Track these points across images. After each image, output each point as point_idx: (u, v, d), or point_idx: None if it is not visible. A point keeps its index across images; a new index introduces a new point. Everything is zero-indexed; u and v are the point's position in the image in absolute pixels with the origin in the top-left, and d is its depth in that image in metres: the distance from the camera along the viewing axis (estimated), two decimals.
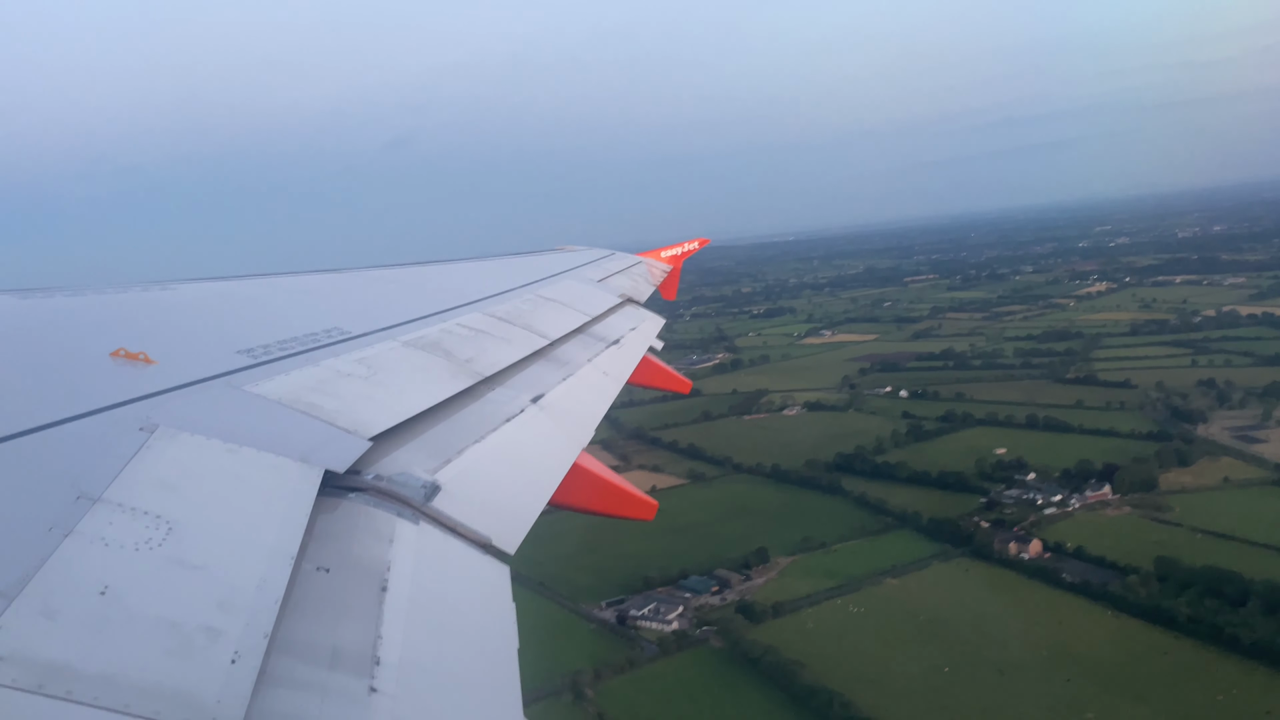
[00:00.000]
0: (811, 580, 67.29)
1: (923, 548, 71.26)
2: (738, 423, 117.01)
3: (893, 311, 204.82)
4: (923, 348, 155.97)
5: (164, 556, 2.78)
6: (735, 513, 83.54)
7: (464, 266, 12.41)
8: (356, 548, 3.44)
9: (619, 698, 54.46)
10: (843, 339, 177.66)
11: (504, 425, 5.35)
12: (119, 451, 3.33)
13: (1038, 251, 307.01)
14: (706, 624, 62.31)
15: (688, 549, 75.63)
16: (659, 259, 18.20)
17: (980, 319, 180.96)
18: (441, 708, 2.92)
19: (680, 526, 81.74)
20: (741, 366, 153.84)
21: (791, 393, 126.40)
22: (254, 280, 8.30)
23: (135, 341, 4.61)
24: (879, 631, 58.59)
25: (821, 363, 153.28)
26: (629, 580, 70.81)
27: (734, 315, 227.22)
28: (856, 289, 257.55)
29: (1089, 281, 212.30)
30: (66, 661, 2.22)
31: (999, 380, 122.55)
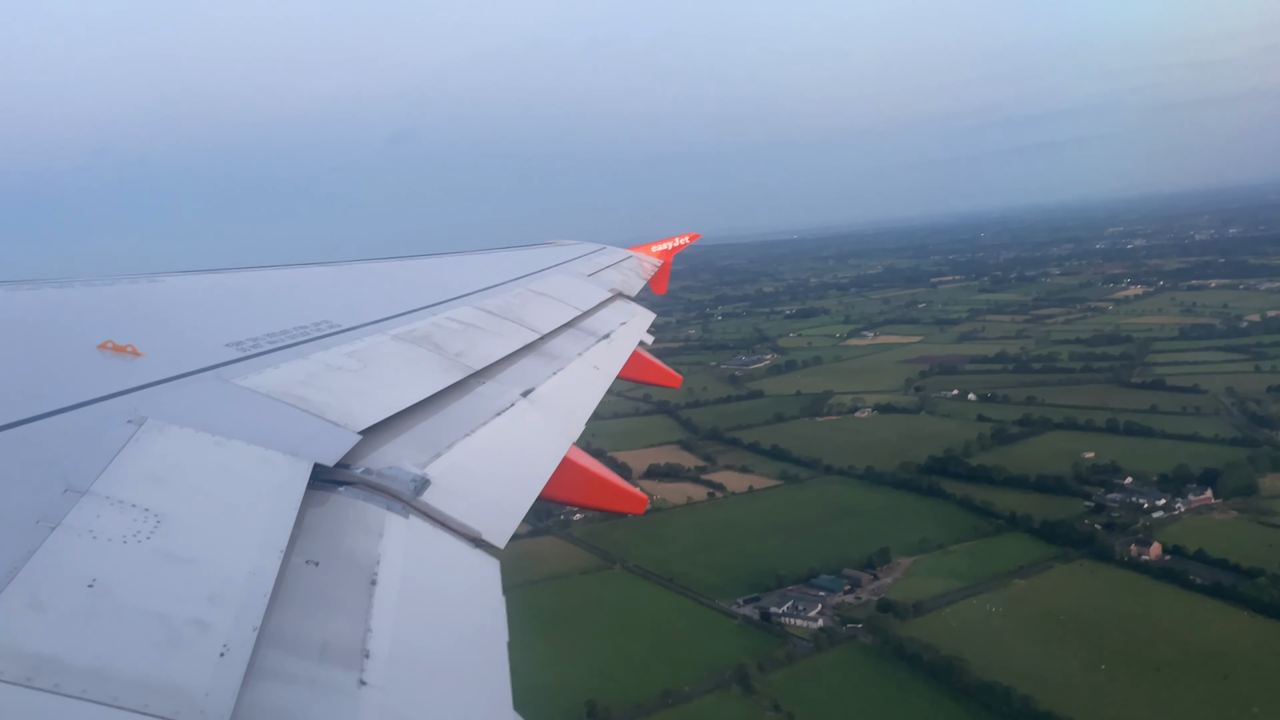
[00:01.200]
0: (940, 580, 70.14)
1: (1039, 550, 74.18)
2: (811, 424, 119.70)
3: (928, 313, 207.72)
4: (972, 350, 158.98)
5: (152, 549, 2.79)
6: (840, 514, 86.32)
7: (454, 260, 12.58)
8: (346, 541, 3.47)
9: (785, 691, 57.18)
10: (886, 340, 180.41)
11: (494, 419, 5.42)
12: (107, 444, 3.34)
13: (1056, 253, 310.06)
14: (851, 621, 65.06)
15: (803, 549, 78.42)
16: (650, 254, 18.24)
17: (1021, 322, 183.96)
18: (431, 701, 2.94)
19: (788, 526, 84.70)
20: (796, 368, 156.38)
21: (859, 395, 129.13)
22: (243, 273, 8.29)
23: (123, 334, 4.61)
24: (1024, 630, 61.49)
25: (875, 364, 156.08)
26: (756, 578, 73.50)
27: (765, 315, 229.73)
28: (883, 289, 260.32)
29: (1122, 285, 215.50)
30: (55, 654, 2.22)
31: (1063, 384, 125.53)
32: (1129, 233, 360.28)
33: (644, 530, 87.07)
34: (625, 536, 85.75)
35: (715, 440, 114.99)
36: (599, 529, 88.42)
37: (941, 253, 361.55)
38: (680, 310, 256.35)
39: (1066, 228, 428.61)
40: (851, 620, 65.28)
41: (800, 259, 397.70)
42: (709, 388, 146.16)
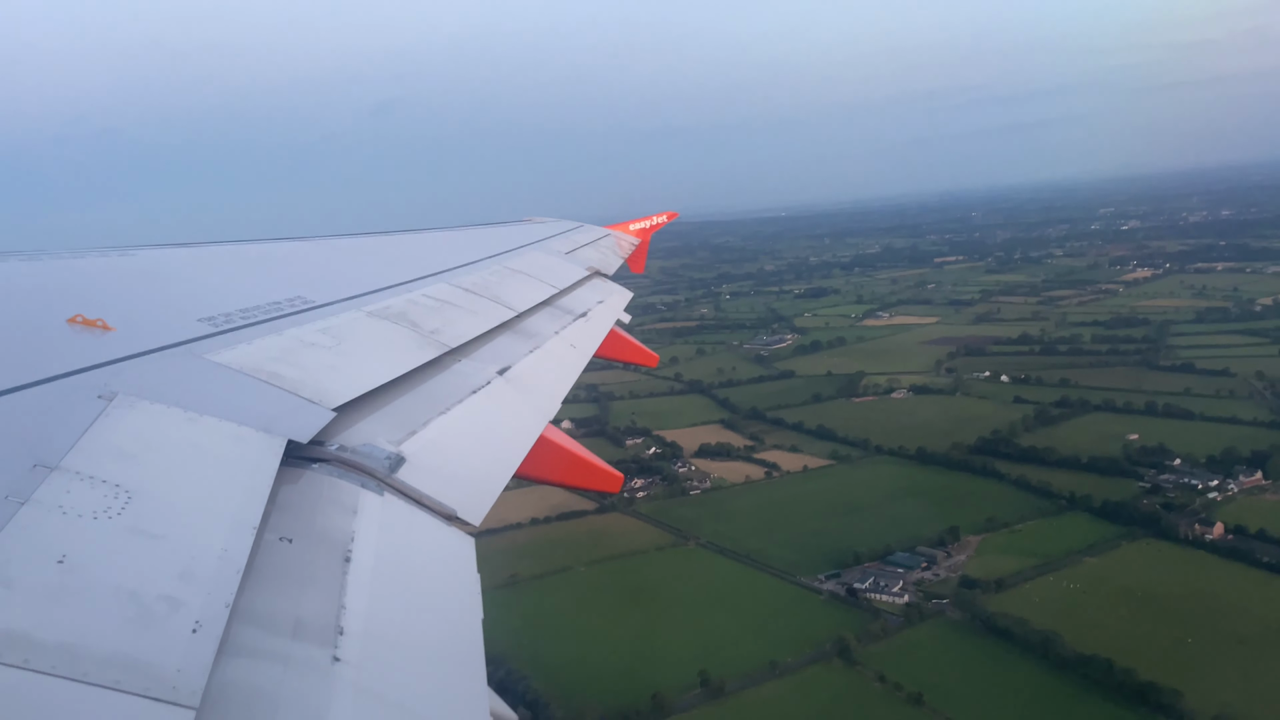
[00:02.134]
0: (1012, 558, 73.18)
1: (1102, 529, 77.39)
2: (849, 405, 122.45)
3: (939, 294, 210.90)
4: (992, 332, 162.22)
5: (123, 526, 2.78)
6: (900, 494, 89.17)
7: (430, 236, 12.56)
8: (320, 518, 3.46)
9: (885, 662, 60.02)
10: (903, 321, 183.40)
11: (470, 397, 5.45)
12: (77, 419, 3.32)
13: (1053, 234, 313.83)
14: (935, 597, 68.00)
15: (871, 527, 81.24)
16: (627, 232, 18.26)
17: (1035, 303, 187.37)
18: (406, 677, 2.95)
19: (852, 505, 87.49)
20: (821, 348, 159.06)
21: (892, 375, 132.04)
22: (216, 247, 8.21)
23: (93, 308, 4.58)
24: (1106, 606, 64.65)
25: (897, 345, 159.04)
26: (832, 555, 76.24)
27: (775, 294, 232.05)
28: (887, 269, 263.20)
29: (1129, 268, 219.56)
30: (24, 630, 2.21)
31: (1092, 367, 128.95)
32: (1121, 214, 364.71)
33: (708, 508, 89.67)
34: (691, 513, 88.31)
35: (757, 420, 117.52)
36: (664, 505, 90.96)
37: (937, 232, 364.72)
38: (685, 289, 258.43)
39: (1057, 208, 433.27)
40: (936, 596, 68.16)
41: (794, 237, 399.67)
42: (737, 368, 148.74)
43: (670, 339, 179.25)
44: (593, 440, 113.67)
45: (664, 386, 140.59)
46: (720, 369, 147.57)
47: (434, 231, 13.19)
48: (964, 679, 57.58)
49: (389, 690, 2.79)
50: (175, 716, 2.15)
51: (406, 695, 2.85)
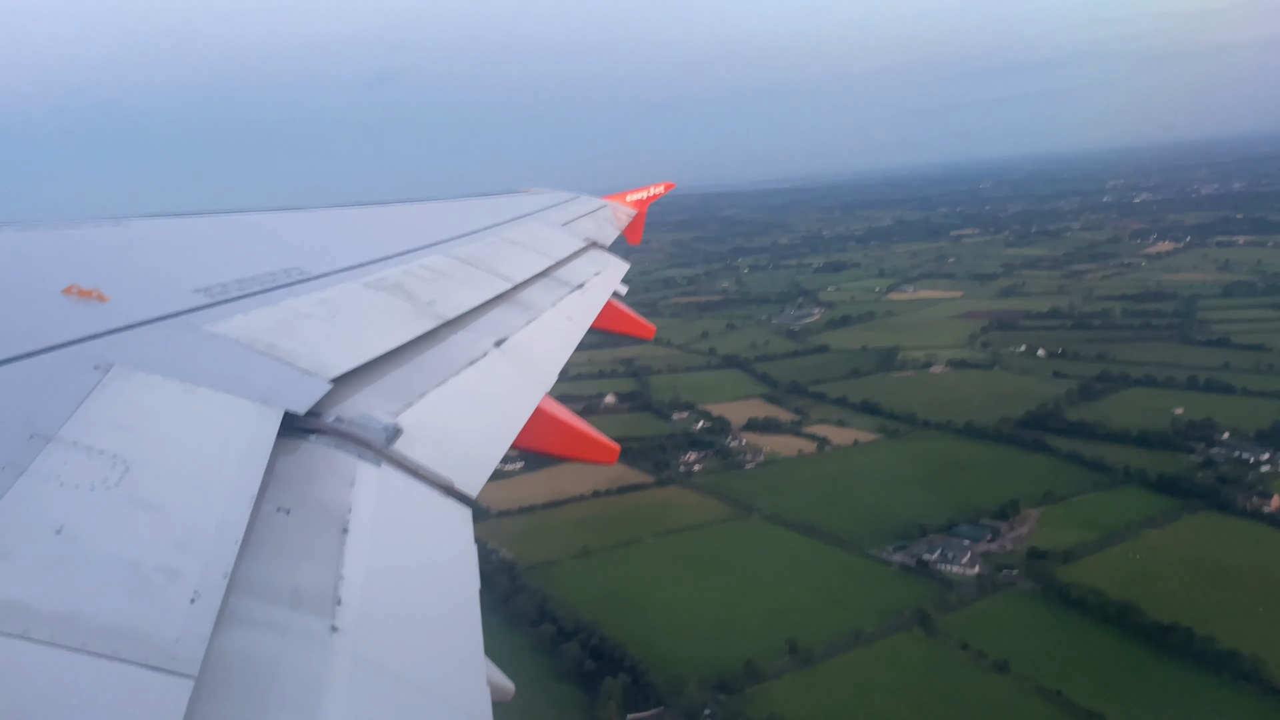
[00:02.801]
0: (1074, 531, 75.26)
1: (1159, 502, 79.47)
2: (888, 379, 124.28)
3: (960, 268, 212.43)
4: (1021, 306, 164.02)
5: (121, 496, 2.81)
6: (953, 468, 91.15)
7: (426, 207, 12.52)
8: (317, 490, 3.51)
9: (965, 631, 62.17)
10: (928, 295, 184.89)
11: (467, 369, 5.49)
12: (73, 390, 3.33)
13: (1065, 207, 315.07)
14: (1004, 568, 70.10)
15: (929, 500, 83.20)
16: (624, 203, 18.18)
17: (1059, 277, 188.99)
18: (404, 647, 2.99)
19: (907, 479, 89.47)
20: (851, 322, 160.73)
21: (929, 350, 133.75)
22: (212, 218, 8.18)
23: (88, 278, 4.60)
24: (1174, 576, 66.80)
25: (927, 319, 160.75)
26: (896, 527, 78.18)
27: (794, 268, 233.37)
28: (903, 242, 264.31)
29: (1150, 241, 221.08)
30: (22, 601, 2.24)
31: (1127, 341, 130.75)
32: (1131, 186, 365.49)
33: (764, 481, 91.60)
34: (748, 487, 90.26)
35: (799, 395, 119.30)
36: (720, 479, 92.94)
37: (947, 205, 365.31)
38: (701, 262, 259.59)
39: (1065, 179, 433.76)
40: (1005, 566, 70.26)
41: (803, 210, 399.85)
42: (770, 342, 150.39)
43: (696, 313, 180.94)
44: (639, 415, 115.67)
45: (700, 362, 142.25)
46: (753, 344, 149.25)
47: (430, 202, 13.12)
48: (1045, 647, 59.72)
49: (387, 660, 2.84)
50: (174, 686, 2.18)
51: (404, 665, 2.91)
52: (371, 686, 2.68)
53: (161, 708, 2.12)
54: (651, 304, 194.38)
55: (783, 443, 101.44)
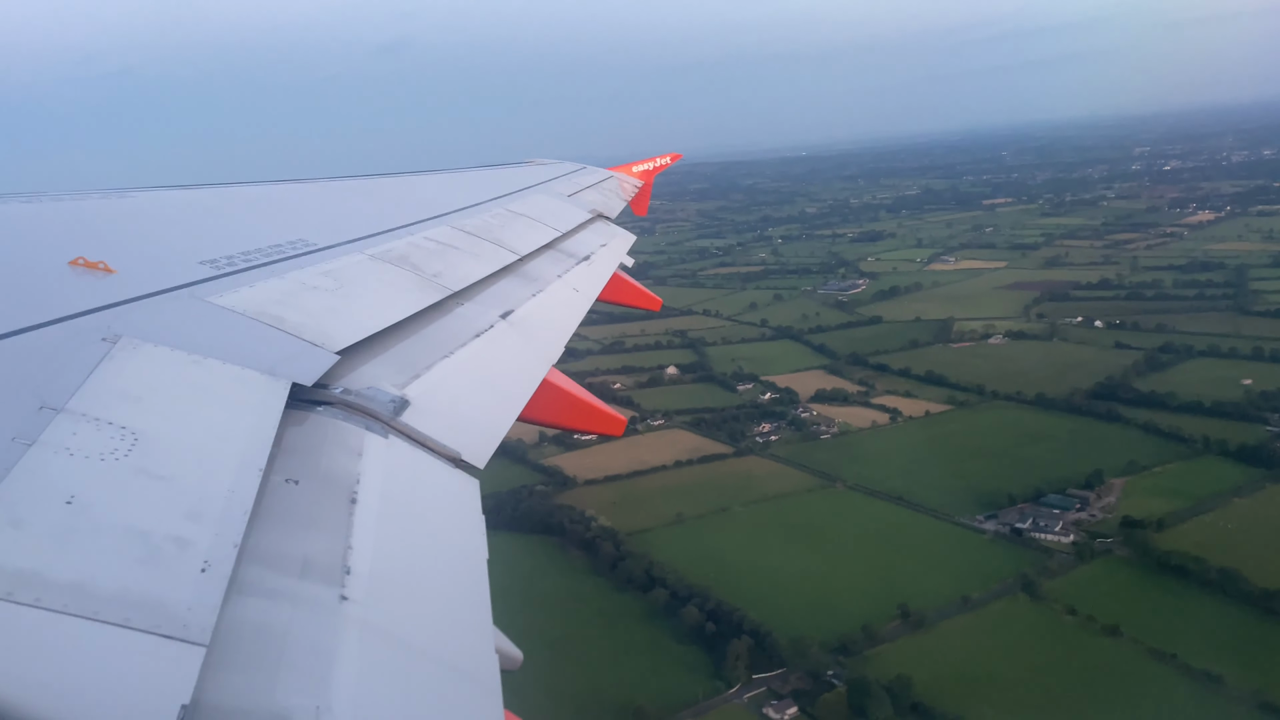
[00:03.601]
0: (1161, 500, 77.21)
1: (1243, 472, 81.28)
2: (947, 350, 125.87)
3: (999, 238, 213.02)
4: (1067, 276, 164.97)
5: (130, 467, 2.86)
6: (1028, 438, 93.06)
7: (432, 179, 12.59)
8: (325, 460, 3.57)
9: (1070, 597, 64.39)
10: (971, 266, 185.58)
11: (473, 341, 5.56)
12: (81, 362, 3.38)
13: (1093, 175, 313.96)
14: (1098, 536, 72.24)
15: (1010, 469, 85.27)
16: (630, 174, 18.13)
17: (1101, 247, 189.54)
18: (412, 615, 3.06)
19: (983, 450, 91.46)
20: (900, 293, 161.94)
21: (987, 321, 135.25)
22: (217, 190, 8.26)
23: (95, 251, 4.62)
24: (1270, 544, 68.83)
25: (974, 290, 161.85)
26: (983, 496, 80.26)
27: (827, 239, 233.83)
28: (934, 212, 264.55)
29: (1189, 210, 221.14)
30: (35, 570, 2.27)
31: (1182, 312, 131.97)
32: (1158, 153, 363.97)
33: (842, 452, 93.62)
34: (827, 457, 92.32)
35: (860, 366, 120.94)
36: (798, 449, 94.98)
37: (972, 173, 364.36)
38: (731, 232, 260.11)
39: (1088, 147, 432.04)
40: (1099, 535, 72.39)
41: (824, 178, 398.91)
42: (821, 314, 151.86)
43: (739, 284, 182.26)
44: (703, 386, 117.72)
45: (754, 333, 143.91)
46: (804, 315, 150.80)
47: (435, 174, 13.25)
48: (1152, 612, 61.96)
49: (396, 628, 2.89)
50: (186, 653, 2.22)
51: (413, 633, 2.96)
52: (381, 655, 2.73)
53: (174, 675, 2.16)
54: (690, 275, 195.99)
55: (853, 414, 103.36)
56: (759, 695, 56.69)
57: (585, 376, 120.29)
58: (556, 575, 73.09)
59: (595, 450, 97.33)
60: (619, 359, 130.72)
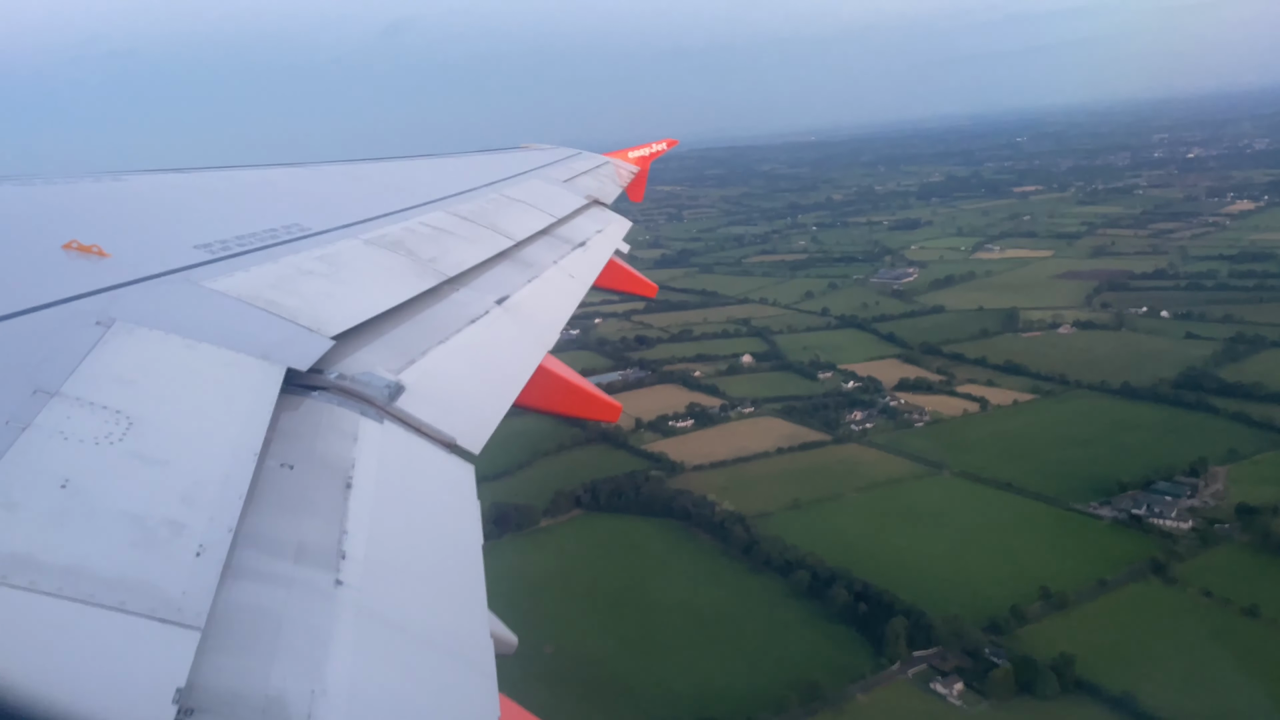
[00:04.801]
0: (1269, 488, 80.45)
1: None
2: (1019, 340, 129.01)
3: (1039, 226, 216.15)
4: (1116, 266, 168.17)
5: (125, 451, 2.88)
6: (1121, 427, 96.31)
7: (427, 163, 12.65)
8: (320, 445, 3.62)
9: (1202, 580, 67.71)
10: (1017, 255, 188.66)
11: (468, 326, 5.70)
12: (75, 346, 3.41)
13: (1117, 163, 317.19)
14: (1215, 522, 75.60)
15: (1111, 457, 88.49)
16: (626, 160, 18.27)
17: (1145, 237, 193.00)
18: (408, 600, 3.11)
19: (1079, 439, 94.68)
20: (955, 282, 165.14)
21: (1054, 311, 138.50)
22: (211, 173, 8.31)
23: (88, 234, 4.66)
24: None
25: (1029, 279, 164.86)
26: (1091, 484, 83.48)
27: (862, 226, 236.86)
28: (964, 199, 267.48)
29: (1227, 200, 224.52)
30: (29, 553, 2.30)
31: (1246, 302, 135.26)
32: (1178, 140, 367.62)
33: (939, 440, 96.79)
34: (925, 444, 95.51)
35: (934, 355, 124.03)
36: (895, 437, 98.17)
37: (992, 160, 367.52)
38: (761, 220, 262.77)
39: (1103, 133, 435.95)
40: (1216, 521, 75.76)
41: (840, 164, 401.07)
42: (880, 302, 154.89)
43: (787, 272, 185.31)
44: (781, 374, 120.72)
45: (818, 321, 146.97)
46: (864, 303, 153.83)
47: (431, 158, 13.40)
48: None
49: (391, 612, 2.96)
50: (181, 637, 2.27)
51: (409, 617, 3.04)
52: (376, 639, 2.80)
53: (169, 658, 2.22)
54: (735, 262, 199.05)
55: (941, 402, 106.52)
56: (921, 672, 59.96)
57: (662, 365, 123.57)
58: (689, 558, 76.31)
59: (693, 437, 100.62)
60: (689, 347, 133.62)
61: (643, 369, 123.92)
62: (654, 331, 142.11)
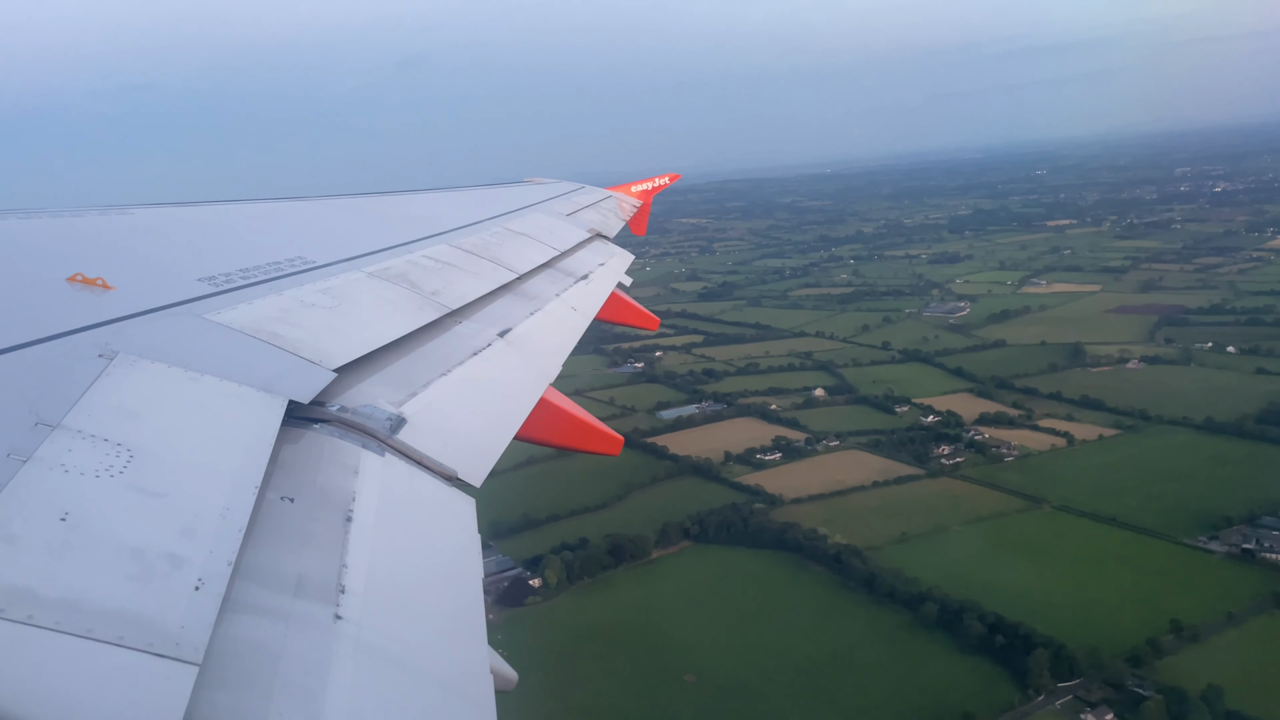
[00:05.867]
0: None
1: None
2: (1089, 374, 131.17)
3: (1082, 260, 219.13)
4: (1167, 300, 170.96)
5: (125, 484, 2.90)
6: (1214, 462, 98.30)
7: (431, 197, 12.92)
8: (321, 478, 3.66)
9: None
10: (1064, 289, 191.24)
11: (470, 359, 5.78)
12: (78, 378, 3.45)
13: (1144, 196, 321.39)
14: None
15: (1206, 491, 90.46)
16: (629, 194, 18.49)
17: (1191, 271, 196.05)
18: (407, 635, 3.11)
19: (1173, 473, 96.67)
20: (1010, 317, 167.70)
21: (1117, 346, 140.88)
22: (217, 207, 8.42)
23: (93, 267, 4.74)
24: None
25: (1083, 314, 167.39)
26: (1194, 518, 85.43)
27: (898, 260, 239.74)
28: (997, 233, 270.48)
29: (1269, 234, 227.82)
30: (28, 586, 2.30)
31: None
32: (1200, 174, 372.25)
33: (1032, 474, 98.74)
34: (1020, 478, 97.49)
35: (1006, 389, 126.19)
36: (988, 471, 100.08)
37: (1016, 193, 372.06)
38: (795, 252, 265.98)
39: (1122, 166, 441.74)
40: None
41: (862, 196, 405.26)
42: (939, 336, 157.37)
43: (836, 306, 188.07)
44: (859, 408, 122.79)
45: (882, 355, 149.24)
46: (924, 337, 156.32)
47: (434, 192, 13.62)
48: None
49: (391, 647, 2.97)
50: (179, 672, 2.27)
51: (408, 652, 3.04)
52: (375, 674, 2.81)
53: (166, 694, 2.20)
54: (780, 295, 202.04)
55: (1025, 436, 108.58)
56: (1068, 703, 61.72)
57: (736, 397, 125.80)
58: (807, 589, 78.15)
59: (784, 470, 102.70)
60: (758, 380, 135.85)
61: (717, 402, 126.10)
62: (717, 365, 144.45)
